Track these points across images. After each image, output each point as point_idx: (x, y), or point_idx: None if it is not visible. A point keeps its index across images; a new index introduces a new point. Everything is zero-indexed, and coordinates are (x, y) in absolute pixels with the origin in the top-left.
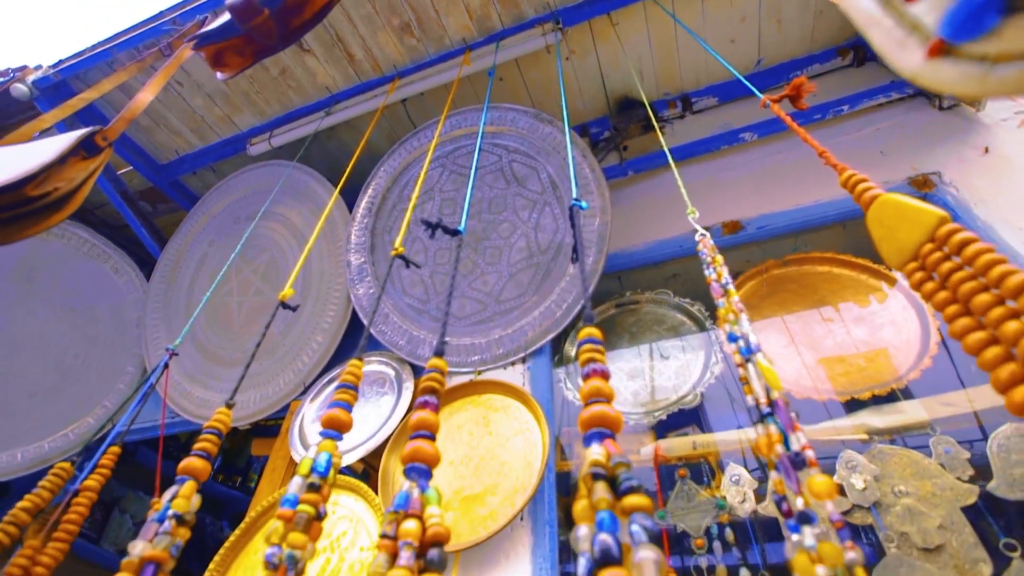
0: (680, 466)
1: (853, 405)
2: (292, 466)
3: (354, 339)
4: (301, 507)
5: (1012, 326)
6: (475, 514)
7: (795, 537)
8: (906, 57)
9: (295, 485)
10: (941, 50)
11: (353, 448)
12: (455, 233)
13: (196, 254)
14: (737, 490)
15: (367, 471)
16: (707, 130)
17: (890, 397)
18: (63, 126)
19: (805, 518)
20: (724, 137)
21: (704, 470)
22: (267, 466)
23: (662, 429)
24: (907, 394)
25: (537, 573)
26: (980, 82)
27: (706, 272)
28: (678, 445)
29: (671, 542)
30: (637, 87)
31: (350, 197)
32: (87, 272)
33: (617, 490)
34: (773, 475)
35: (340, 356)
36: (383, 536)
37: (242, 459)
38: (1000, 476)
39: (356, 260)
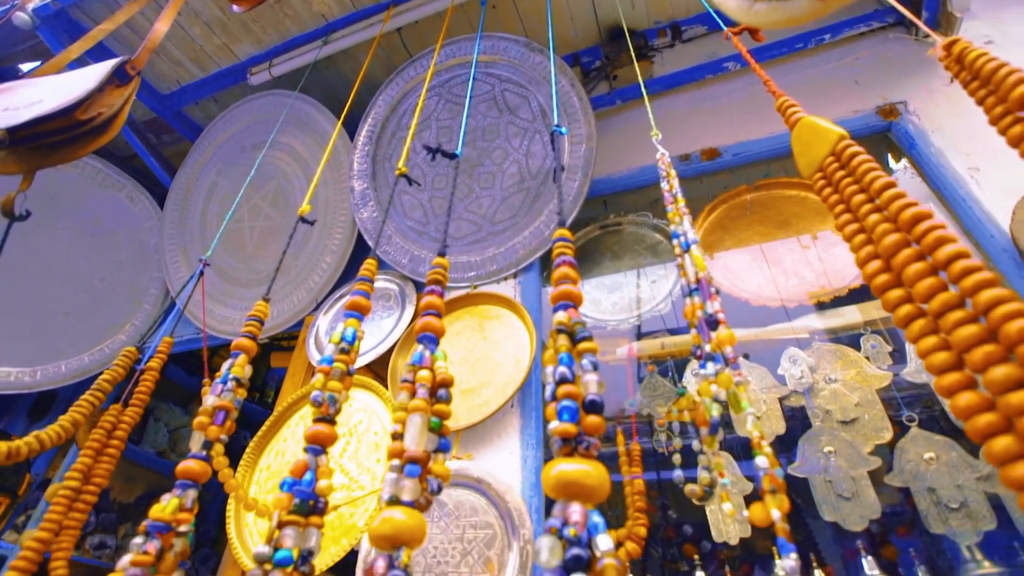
0: (649, 363)
1: (801, 311)
2: (310, 371)
3: (360, 260)
4: (336, 364)
5: (880, 228)
6: (472, 403)
7: (702, 371)
8: None
9: (330, 350)
10: None
11: (364, 353)
12: (452, 156)
13: (205, 183)
14: (696, 380)
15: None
16: (695, 59)
17: (834, 303)
18: (74, 64)
19: (710, 358)
20: (708, 67)
21: (669, 366)
22: (288, 372)
23: (639, 334)
24: (848, 300)
25: (524, 449)
26: (746, 14)
27: (662, 184)
28: (648, 346)
29: (639, 424)
30: (627, 15)
31: (350, 127)
32: (104, 200)
33: (574, 340)
34: (693, 332)
35: (348, 275)
36: (403, 381)
37: (258, 377)
38: (913, 363)
39: (359, 186)
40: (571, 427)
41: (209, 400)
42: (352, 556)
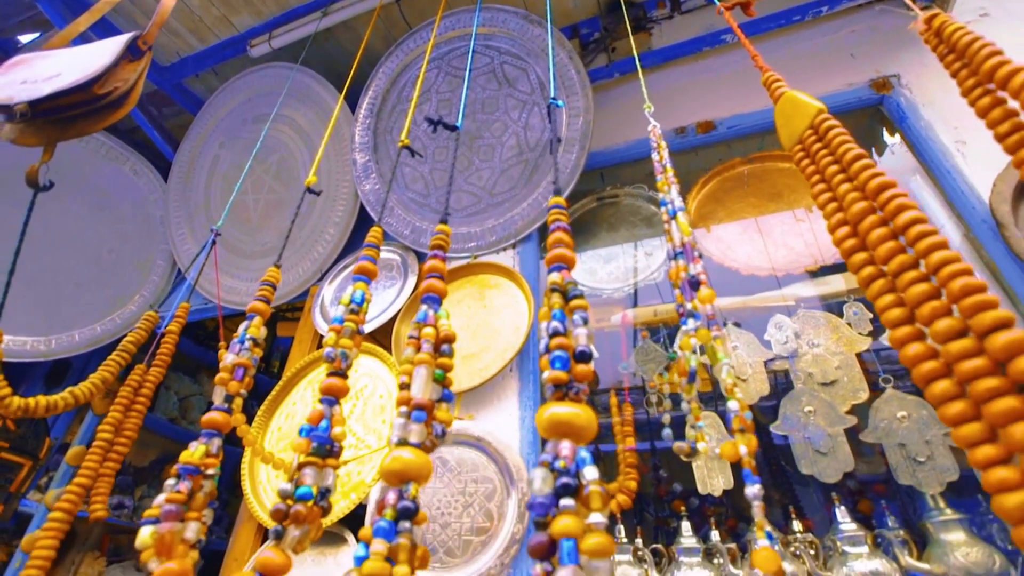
0: (643, 330)
1: (789, 280)
2: (317, 339)
3: (362, 232)
4: (346, 323)
5: (850, 196)
6: (473, 368)
7: (684, 327)
8: None
9: (340, 311)
10: None
11: (368, 322)
12: (453, 128)
13: (208, 155)
14: (692, 357)
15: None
16: (693, 31)
17: (821, 272)
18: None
19: (691, 315)
20: (706, 39)
21: (662, 333)
22: (295, 340)
23: (632, 302)
24: (835, 269)
25: (522, 410)
26: None
27: (653, 155)
28: (642, 313)
29: (633, 394)
30: None
31: (350, 99)
32: (108, 174)
33: (567, 298)
34: (677, 292)
35: (351, 247)
36: (410, 337)
37: (263, 347)
38: None
39: (361, 159)
40: (562, 374)
41: (228, 358)
42: (360, 509)
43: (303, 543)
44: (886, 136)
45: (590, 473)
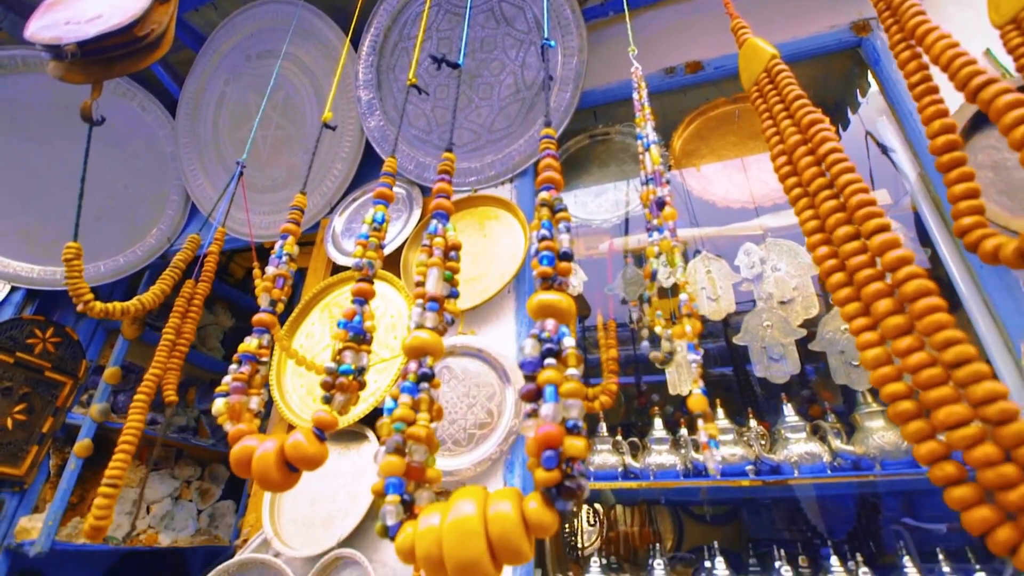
0: (627, 256)
1: (761, 211)
2: (330, 266)
3: (368, 167)
4: (371, 238)
5: (789, 131)
6: (474, 290)
7: (648, 239)
8: None
9: (364, 228)
10: None
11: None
12: (456, 66)
13: (214, 92)
14: (664, 270)
15: None
16: None
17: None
18: None
19: (655, 229)
20: None
21: (643, 259)
22: (309, 268)
23: (623, 231)
24: None
25: (518, 326)
26: None
27: (633, 95)
28: (627, 241)
29: (614, 304)
30: None
31: (352, 37)
32: (118, 110)
33: (554, 211)
34: (646, 210)
35: (358, 181)
36: (423, 245)
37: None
38: None
39: (365, 96)
40: (549, 269)
41: (269, 270)
42: (376, 413)
43: (346, 407)
44: (871, 78)
45: (568, 342)
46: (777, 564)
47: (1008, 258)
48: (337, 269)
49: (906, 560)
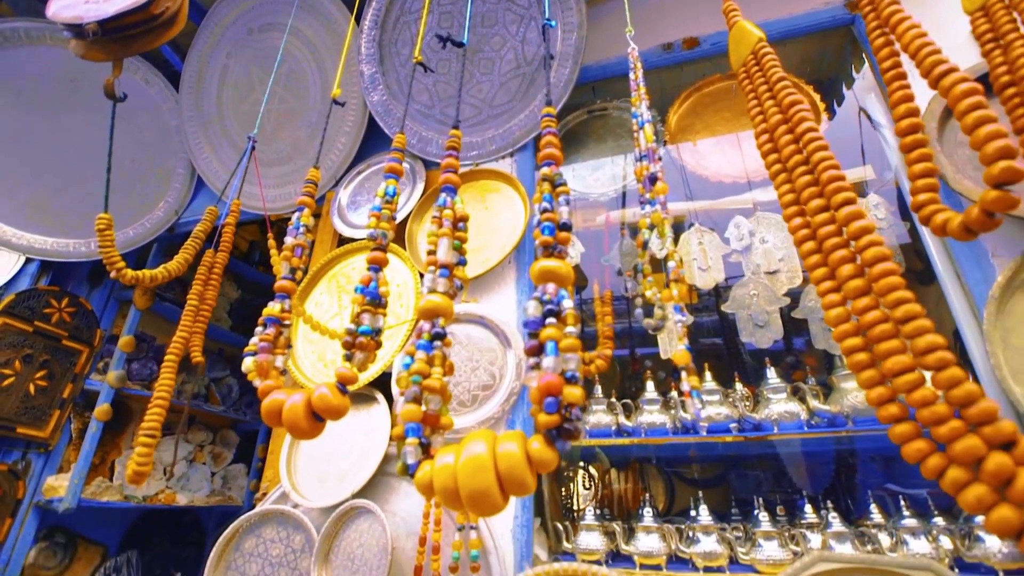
0: (623, 228)
1: (752, 186)
2: (336, 237)
3: (372, 141)
4: (384, 210)
5: (771, 110)
6: (477, 260)
7: (642, 212)
8: None
9: (377, 201)
10: None
11: None
12: (460, 45)
13: (217, 66)
14: (656, 241)
15: None
16: None
17: None
18: None
19: (648, 203)
20: None
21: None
22: (316, 240)
23: (617, 204)
24: None
25: (519, 295)
26: None
27: (629, 73)
28: (623, 214)
29: (610, 275)
30: None
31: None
32: (122, 85)
33: (554, 186)
34: (639, 185)
35: (362, 155)
36: (434, 217)
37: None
38: None
39: (368, 70)
40: (550, 239)
41: (288, 240)
42: (384, 376)
43: (365, 364)
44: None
45: (566, 304)
46: (756, 512)
47: (954, 231)
48: (343, 241)
49: (873, 508)
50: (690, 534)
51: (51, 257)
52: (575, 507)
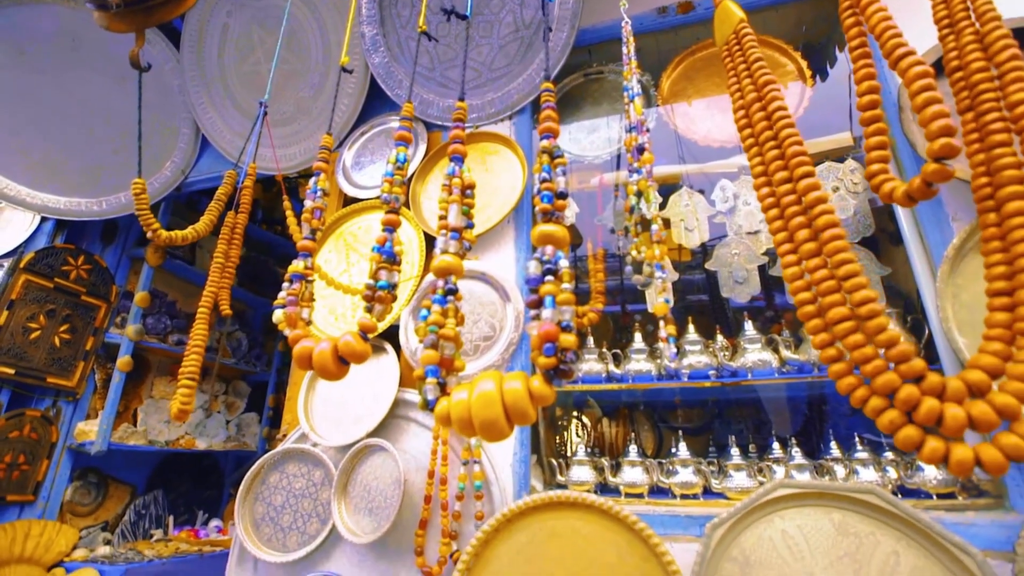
0: (616, 189)
1: (736, 151)
2: (341, 197)
3: (373, 101)
4: (396, 175)
5: (748, 88)
6: (477, 220)
7: (629, 180)
8: None
9: (389, 167)
10: None
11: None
12: (464, 18)
13: (217, 24)
14: (643, 205)
15: None
16: None
17: None
18: None
19: (635, 171)
20: None
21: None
22: None
23: (614, 166)
24: None
25: (517, 252)
26: None
27: (623, 48)
28: (616, 176)
29: (603, 234)
30: None
31: None
32: (122, 42)
33: (553, 157)
34: (627, 155)
35: (364, 116)
36: (443, 185)
37: (278, 211)
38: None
39: (369, 32)
40: (548, 206)
41: (308, 203)
42: (393, 329)
43: (383, 315)
44: None
45: (563, 263)
46: (730, 449)
47: (899, 198)
48: (348, 200)
49: (832, 445)
50: (670, 467)
51: (65, 216)
52: (568, 453)
